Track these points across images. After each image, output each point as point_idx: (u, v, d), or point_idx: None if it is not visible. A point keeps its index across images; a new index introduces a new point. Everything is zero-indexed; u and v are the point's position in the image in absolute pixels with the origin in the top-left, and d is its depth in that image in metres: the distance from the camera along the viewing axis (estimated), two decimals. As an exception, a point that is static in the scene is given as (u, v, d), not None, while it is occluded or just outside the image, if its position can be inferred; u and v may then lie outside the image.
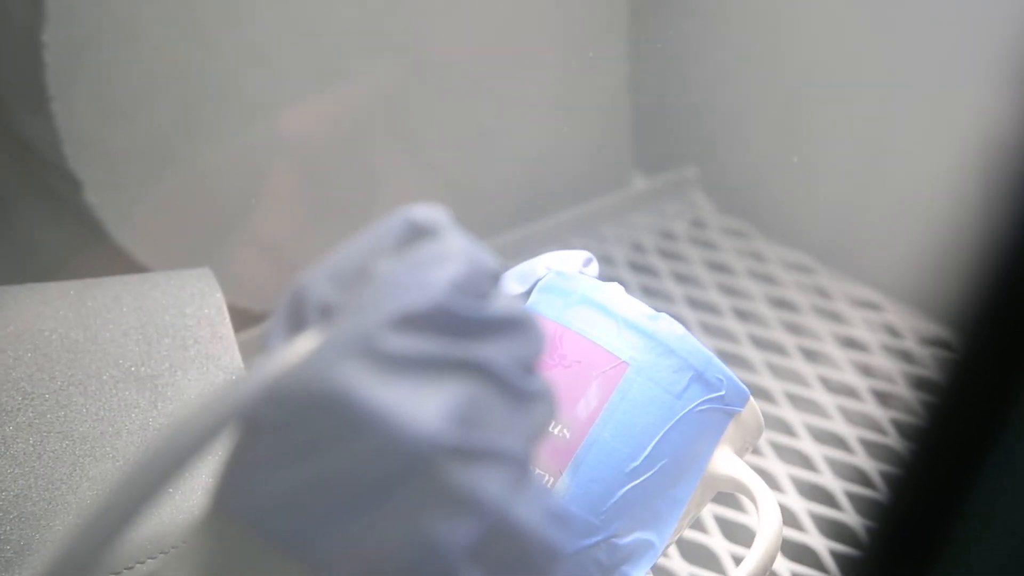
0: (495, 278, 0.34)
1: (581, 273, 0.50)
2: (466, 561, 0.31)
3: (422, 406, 0.31)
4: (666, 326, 0.47)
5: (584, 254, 0.51)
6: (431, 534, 0.31)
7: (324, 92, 0.92)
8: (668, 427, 0.46)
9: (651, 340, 0.46)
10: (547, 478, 0.45)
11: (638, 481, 0.46)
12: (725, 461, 0.48)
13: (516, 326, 0.33)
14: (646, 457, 0.46)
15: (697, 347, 0.47)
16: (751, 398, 0.49)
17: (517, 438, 0.33)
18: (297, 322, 0.33)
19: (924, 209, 0.97)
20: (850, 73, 1.00)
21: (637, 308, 0.47)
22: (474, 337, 0.32)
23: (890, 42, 0.96)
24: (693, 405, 0.46)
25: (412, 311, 0.32)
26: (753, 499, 0.48)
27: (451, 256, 0.33)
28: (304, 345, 0.32)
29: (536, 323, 0.34)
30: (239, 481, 0.33)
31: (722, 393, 0.47)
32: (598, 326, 0.47)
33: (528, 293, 0.50)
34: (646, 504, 0.46)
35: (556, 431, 0.46)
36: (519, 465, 0.32)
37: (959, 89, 0.92)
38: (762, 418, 0.49)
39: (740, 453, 0.49)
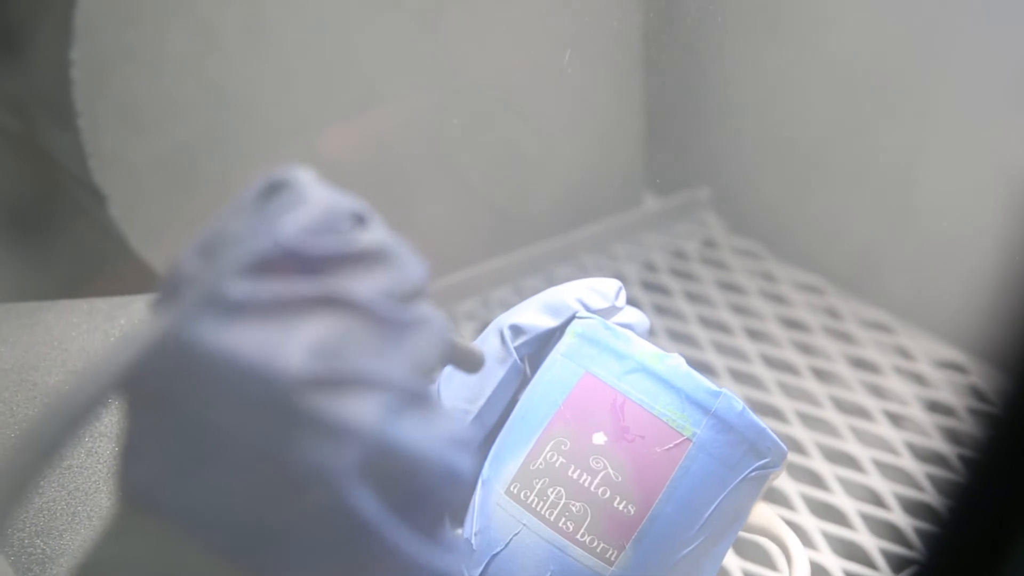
0: (356, 218, 0.34)
1: (615, 307, 0.50)
2: (353, 481, 0.31)
3: (280, 345, 0.31)
4: (727, 403, 0.48)
5: (614, 284, 0.51)
6: (309, 462, 0.31)
7: (348, 111, 0.92)
8: (722, 497, 0.48)
9: (713, 418, 0.48)
10: (610, 551, 0.47)
11: (691, 547, 0.48)
12: (760, 513, 0.51)
13: (382, 259, 0.33)
14: (701, 526, 0.48)
15: (753, 422, 0.48)
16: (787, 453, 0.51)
17: (394, 365, 0.32)
18: (172, 301, 0.33)
19: (937, 232, 0.97)
20: (858, 97, 1.00)
21: (699, 384, 0.48)
22: (333, 273, 0.32)
23: (911, 68, 0.97)
24: (744, 474, 0.48)
25: (257, 257, 0.32)
26: (787, 552, 0.50)
27: (301, 202, 0.33)
28: (163, 316, 0.32)
29: (408, 254, 0.34)
30: (128, 464, 0.33)
31: (769, 459, 0.49)
32: (660, 400, 0.48)
33: (563, 327, 0.50)
34: (694, 563, 0.48)
35: (621, 507, 0.47)
36: (400, 390, 0.32)
37: (980, 119, 0.92)
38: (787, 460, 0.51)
39: (764, 494, 0.50)
